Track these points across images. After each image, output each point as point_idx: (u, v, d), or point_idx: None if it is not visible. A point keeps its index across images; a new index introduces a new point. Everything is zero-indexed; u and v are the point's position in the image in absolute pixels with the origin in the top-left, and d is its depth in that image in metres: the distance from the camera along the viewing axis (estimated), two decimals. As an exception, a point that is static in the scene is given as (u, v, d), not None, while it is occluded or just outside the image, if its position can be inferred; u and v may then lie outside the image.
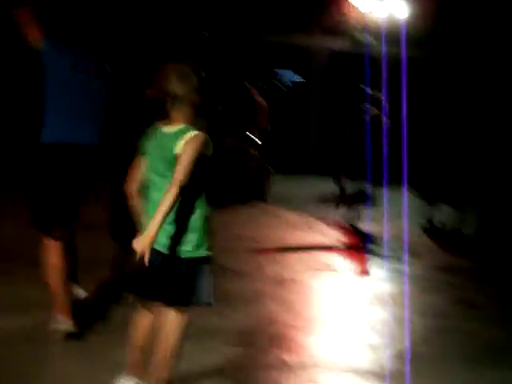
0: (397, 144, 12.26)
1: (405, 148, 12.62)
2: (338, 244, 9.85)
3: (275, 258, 8.77)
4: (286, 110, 18.10)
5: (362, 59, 14.94)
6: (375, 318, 6.81)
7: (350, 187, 11.40)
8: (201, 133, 4.19)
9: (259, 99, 13.39)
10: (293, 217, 11.36)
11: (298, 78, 19.29)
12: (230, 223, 10.48)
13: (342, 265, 8.78)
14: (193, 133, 4.17)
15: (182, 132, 4.18)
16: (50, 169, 5.37)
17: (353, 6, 16.37)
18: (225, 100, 14.21)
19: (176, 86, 4.19)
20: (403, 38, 13.05)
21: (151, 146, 4.32)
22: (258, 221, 10.90)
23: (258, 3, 16.40)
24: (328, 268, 8.53)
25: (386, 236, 10.29)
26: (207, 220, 4.43)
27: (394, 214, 11.51)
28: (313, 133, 17.53)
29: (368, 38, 15.91)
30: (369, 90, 11.46)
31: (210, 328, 6.06)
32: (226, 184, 12.21)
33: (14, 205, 6.04)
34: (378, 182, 12.00)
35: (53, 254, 5.46)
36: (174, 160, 4.13)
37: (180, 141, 4.14)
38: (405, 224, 11.19)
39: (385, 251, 9.58)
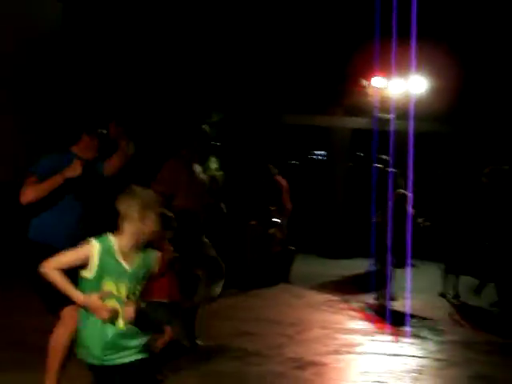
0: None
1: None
2: (359, 324, 9.86)
3: (295, 339, 8.82)
4: (312, 187, 18.30)
5: (382, 135, 15.21)
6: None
7: (372, 265, 11.49)
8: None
9: (279, 179, 13.61)
10: (315, 297, 11.42)
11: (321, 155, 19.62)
12: (252, 306, 10.62)
13: (363, 344, 8.79)
14: None
15: None
16: None
17: (371, 84, 16.65)
18: (246, 182, 14.48)
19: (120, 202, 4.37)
20: (411, 113, 13.25)
21: None
22: (279, 302, 10.97)
23: (279, 87, 16.75)
24: (348, 348, 8.53)
25: (408, 311, 10.31)
26: None
27: (418, 288, 11.57)
28: (337, 211, 17.64)
29: (385, 116, 16.13)
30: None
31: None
32: (249, 268, 12.36)
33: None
34: (401, 257, 12.12)
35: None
36: None
37: None
38: (427, 299, 11.26)
39: (407, 327, 9.60)
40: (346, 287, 12.21)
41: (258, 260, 12.52)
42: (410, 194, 11.09)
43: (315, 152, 19.90)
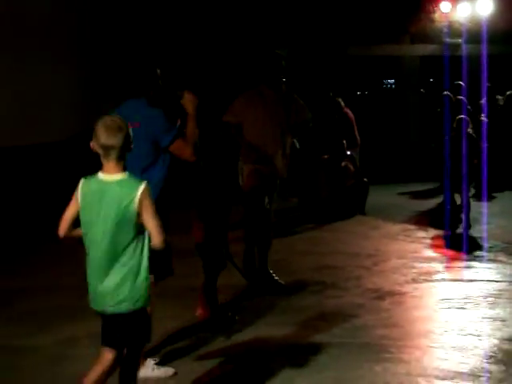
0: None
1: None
2: (436, 252, 9.91)
3: (373, 270, 8.96)
4: (384, 116, 18.25)
5: (451, 60, 15.05)
6: (469, 321, 6.96)
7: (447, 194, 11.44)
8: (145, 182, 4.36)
9: (348, 111, 13.62)
10: (391, 227, 11.47)
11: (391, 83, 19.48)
12: (329, 240, 10.76)
13: (441, 272, 8.87)
14: (141, 185, 4.31)
15: (130, 184, 4.33)
16: None
17: (438, 9, 16.45)
18: (317, 117, 14.52)
19: (108, 139, 4.28)
20: (484, 36, 13.07)
21: (91, 199, 4.37)
22: (356, 234, 11.08)
23: (344, 19, 16.63)
24: (426, 277, 8.63)
25: (484, 237, 10.34)
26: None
27: (495, 215, 11.58)
28: (411, 139, 17.58)
29: (453, 40, 15.97)
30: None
31: (306, 343, 6.42)
32: (324, 202, 12.49)
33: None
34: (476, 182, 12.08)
35: None
36: (130, 216, 4.29)
37: (132, 195, 4.28)
38: (505, 224, 11.25)
39: (483, 252, 9.64)
40: (422, 216, 12.21)
41: (332, 194, 12.62)
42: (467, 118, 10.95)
43: (385, 81, 19.75)
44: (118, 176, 4.33)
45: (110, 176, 4.34)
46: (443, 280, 8.52)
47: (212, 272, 6.93)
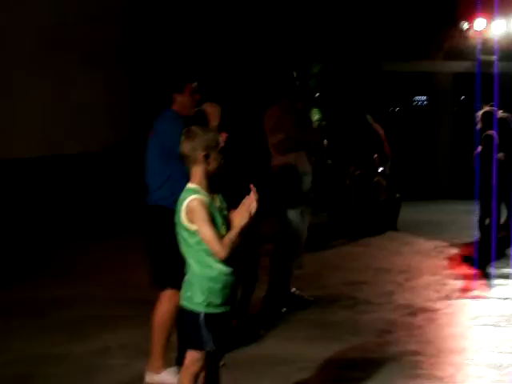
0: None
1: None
2: (469, 269, 9.83)
3: (406, 287, 8.91)
4: (416, 132, 18.14)
5: (485, 78, 14.95)
6: (504, 339, 6.88)
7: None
8: (194, 198, 4.30)
9: (377, 128, 13.59)
10: (424, 243, 11.42)
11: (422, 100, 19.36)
12: (361, 255, 10.74)
13: (474, 289, 8.81)
14: (188, 200, 4.31)
15: (184, 198, 4.35)
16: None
17: (472, 27, 16.37)
18: (348, 132, 14.49)
19: (183, 146, 4.38)
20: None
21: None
22: (388, 250, 11.05)
23: (378, 35, 16.60)
24: (459, 293, 8.58)
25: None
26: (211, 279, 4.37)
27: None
28: (443, 156, 17.48)
29: (487, 57, 15.86)
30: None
31: (338, 358, 6.36)
32: (357, 217, 12.46)
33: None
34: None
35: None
36: (181, 225, 4.34)
37: (182, 209, 4.33)
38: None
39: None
40: (455, 232, 12.13)
41: (365, 209, 12.59)
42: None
43: (417, 98, 19.66)
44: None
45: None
46: (477, 297, 8.43)
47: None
